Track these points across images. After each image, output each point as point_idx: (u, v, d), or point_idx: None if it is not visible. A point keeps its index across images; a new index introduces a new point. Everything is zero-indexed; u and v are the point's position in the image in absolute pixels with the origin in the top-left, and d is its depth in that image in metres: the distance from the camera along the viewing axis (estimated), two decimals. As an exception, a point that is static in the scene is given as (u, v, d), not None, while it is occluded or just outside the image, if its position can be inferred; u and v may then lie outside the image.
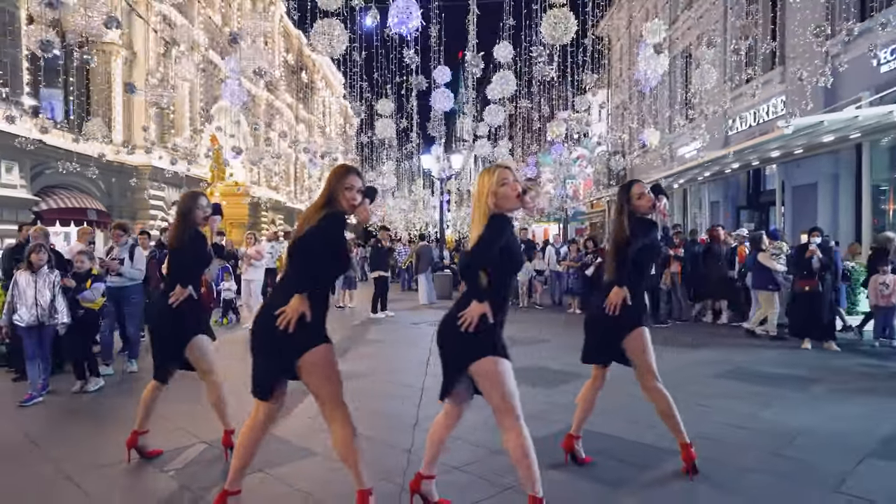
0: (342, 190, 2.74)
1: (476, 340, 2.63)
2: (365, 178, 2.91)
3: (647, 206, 3.44)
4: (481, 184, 2.76)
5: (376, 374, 6.32)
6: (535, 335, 8.93)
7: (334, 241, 2.70)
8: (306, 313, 2.60)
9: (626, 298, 3.34)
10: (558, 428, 4.29)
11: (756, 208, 18.44)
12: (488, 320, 2.63)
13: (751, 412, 4.73)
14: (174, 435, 4.25)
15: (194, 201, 3.75)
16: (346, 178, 2.77)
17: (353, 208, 2.77)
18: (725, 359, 7.02)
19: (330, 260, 2.70)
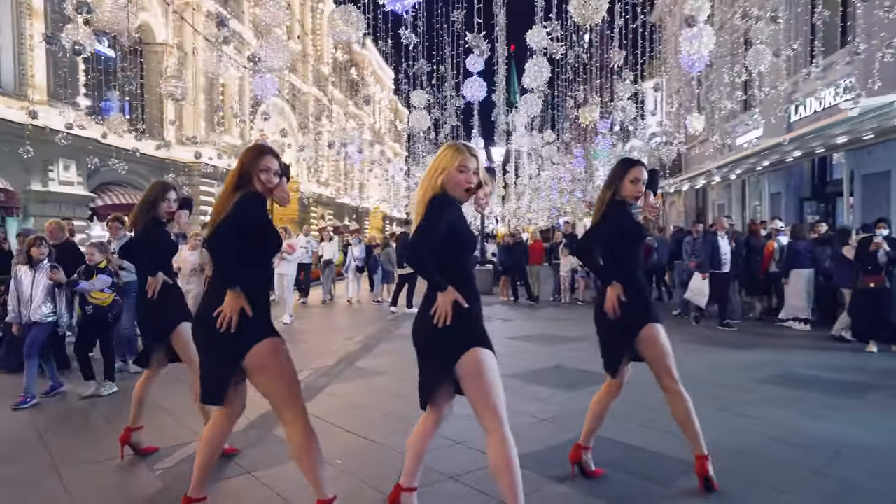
0: (257, 172, 2.55)
1: (457, 333, 2.36)
2: (282, 159, 2.71)
3: (634, 195, 3.13)
4: (439, 159, 2.50)
5: (395, 373, 6.12)
6: (570, 333, 8.53)
7: (255, 221, 2.52)
8: (245, 308, 2.42)
9: (620, 295, 3.00)
10: (571, 436, 3.96)
11: (821, 199, 17.22)
12: (463, 306, 2.35)
13: (795, 423, 4.25)
14: (176, 431, 4.17)
15: (162, 193, 3.63)
16: (260, 159, 2.57)
17: (270, 191, 2.58)
18: (773, 361, 6.45)
19: (257, 244, 2.53)
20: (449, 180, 2.43)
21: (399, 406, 4.82)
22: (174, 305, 3.66)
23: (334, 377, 5.85)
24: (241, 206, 2.45)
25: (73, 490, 3.21)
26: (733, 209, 21.55)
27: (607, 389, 3.26)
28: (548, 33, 8.57)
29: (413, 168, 26.85)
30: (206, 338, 2.49)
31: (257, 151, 2.60)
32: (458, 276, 2.43)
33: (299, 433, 2.48)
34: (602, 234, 3.10)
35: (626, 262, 3.10)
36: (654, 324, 3.04)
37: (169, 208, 3.66)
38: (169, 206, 3.66)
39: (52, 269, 5.03)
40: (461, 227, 2.47)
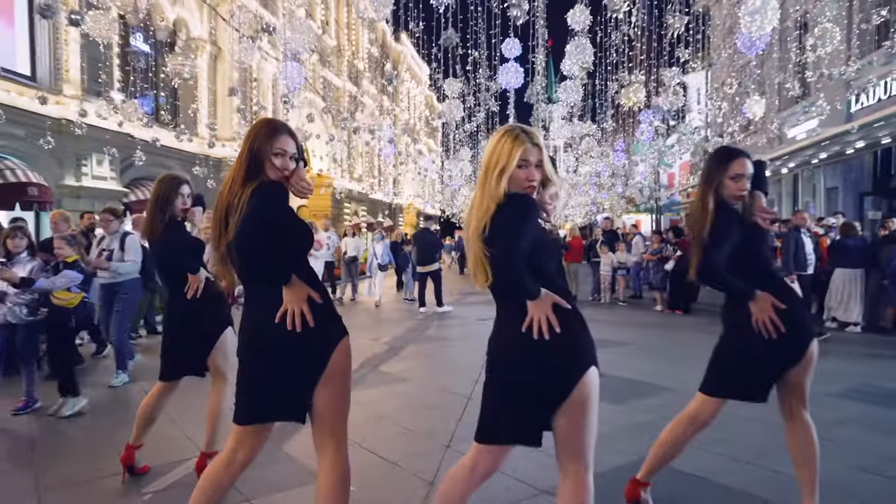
0: (269, 157, 2.06)
1: (570, 347, 1.90)
2: (298, 139, 2.18)
3: (738, 196, 2.52)
4: (496, 151, 1.96)
5: (422, 378, 5.65)
6: (614, 337, 7.92)
7: (282, 215, 2.03)
8: (312, 296, 1.99)
9: (775, 305, 2.40)
10: (625, 460, 3.42)
11: (885, 195, 16.04)
12: (566, 306, 1.89)
13: (888, 451, 3.61)
14: (179, 445, 3.79)
15: (174, 188, 3.18)
16: (273, 140, 2.07)
17: (287, 179, 2.08)
18: (845, 371, 5.74)
19: (289, 240, 2.03)
20: (509, 179, 1.94)
21: (425, 419, 4.34)
22: (219, 308, 3.24)
23: (357, 382, 5.41)
24: (263, 198, 1.97)
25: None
26: (783, 205, 20.42)
27: (695, 415, 2.64)
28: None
29: (447, 162, 26.35)
30: (271, 349, 2.00)
31: (270, 129, 2.10)
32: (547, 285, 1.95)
33: (340, 467, 2.08)
34: (721, 249, 2.45)
35: (763, 271, 2.55)
36: (814, 339, 2.49)
37: (184, 205, 3.22)
38: (184, 203, 3.22)
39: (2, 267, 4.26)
40: (542, 236, 1.98)
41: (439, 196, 39.35)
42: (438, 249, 11.11)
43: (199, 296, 3.12)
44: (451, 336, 8.24)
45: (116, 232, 5.48)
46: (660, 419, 4.09)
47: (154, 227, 3.13)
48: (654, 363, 6.23)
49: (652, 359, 6.51)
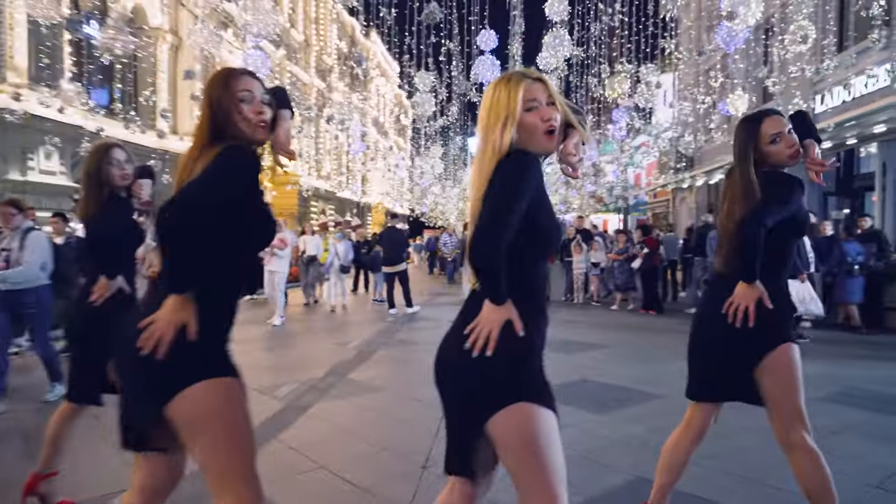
0: (235, 103, 1.62)
1: (497, 374, 1.49)
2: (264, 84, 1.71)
3: (789, 155, 2.14)
4: (493, 102, 1.56)
5: (394, 388, 5.26)
6: (590, 339, 7.67)
7: (241, 188, 1.57)
8: (189, 323, 1.52)
9: (762, 300, 2.06)
10: (620, 480, 3.11)
11: (847, 195, 16.32)
12: (516, 333, 1.48)
13: (893, 462, 3.39)
14: (111, 476, 3.32)
15: (104, 156, 2.63)
16: (234, 81, 1.63)
17: (262, 128, 1.65)
18: (830, 375, 5.57)
19: (238, 225, 1.60)
20: (522, 129, 1.54)
21: (398, 436, 3.96)
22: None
23: (323, 392, 5.00)
24: (223, 162, 1.53)
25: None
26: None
27: (685, 433, 2.35)
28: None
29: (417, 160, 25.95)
30: (130, 364, 1.58)
31: (227, 73, 1.68)
32: (541, 278, 1.60)
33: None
34: (778, 213, 2.08)
35: (781, 256, 2.19)
36: (788, 343, 2.13)
37: (122, 173, 2.64)
38: (121, 170, 2.63)
39: None
40: (545, 205, 1.57)
41: (408, 195, 38.94)
42: (405, 249, 10.70)
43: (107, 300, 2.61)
44: (423, 340, 7.87)
45: (19, 229, 4.62)
46: (650, 431, 3.82)
47: (88, 205, 2.62)
48: (636, 367, 5.98)
49: (632, 362, 6.26)
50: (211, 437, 1.53)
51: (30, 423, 4.18)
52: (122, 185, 2.67)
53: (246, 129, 1.63)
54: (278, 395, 4.86)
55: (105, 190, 2.64)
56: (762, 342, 2.10)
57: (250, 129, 1.64)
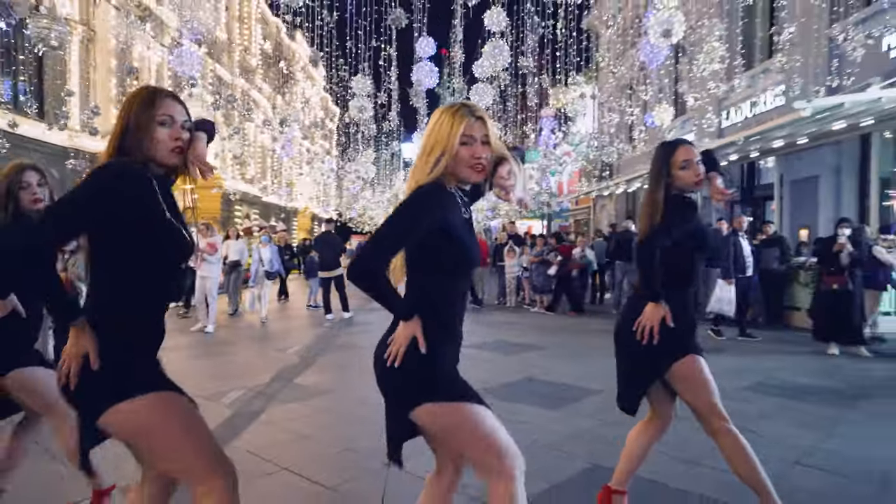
0: (153, 124, 1.64)
1: (414, 376, 1.70)
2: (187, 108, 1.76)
3: (694, 182, 2.40)
4: (434, 131, 1.74)
5: (342, 391, 5.25)
6: (529, 340, 7.95)
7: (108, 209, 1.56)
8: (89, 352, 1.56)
9: (665, 319, 2.32)
10: (579, 466, 3.31)
11: (750, 203, 17.76)
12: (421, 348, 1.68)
13: (810, 441, 3.79)
14: (65, 486, 3.15)
15: (14, 177, 2.48)
16: (156, 104, 1.65)
17: (177, 153, 1.68)
18: (751, 367, 6.11)
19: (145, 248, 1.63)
20: (452, 161, 1.71)
21: (356, 436, 3.97)
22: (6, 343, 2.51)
23: (271, 398, 4.91)
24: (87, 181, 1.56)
25: None
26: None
27: (645, 428, 2.58)
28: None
29: (348, 165, 25.69)
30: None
31: (149, 93, 1.69)
32: (452, 296, 1.77)
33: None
34: (668, 235, 2.34)
35: (684, 274, 2.45)
36: (691, 355, 2.38)
37: (32, 196, 2.50)
38: (31, 194, 2.50)
39: None
40: (460, 231, 1.72)
41: (336, 200, 38.41)
42: (341, 253, 10.61)
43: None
44: (363, 344, 7.85)
45: None
46: (600, 423, 4.06)
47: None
48: (575, 365, 6.26)
49: (571, 361, 6.55)
50: (151, 449, 1.62)
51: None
52: (32, 208, 2.53)
53: (161, 152, 1.66)
54: (226, 401, 4.74)
55: (10, 209, 2.51)
56: (668, 356, 2.36)
57: (163, 152, 1.67)
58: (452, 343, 1.79)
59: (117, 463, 2.65)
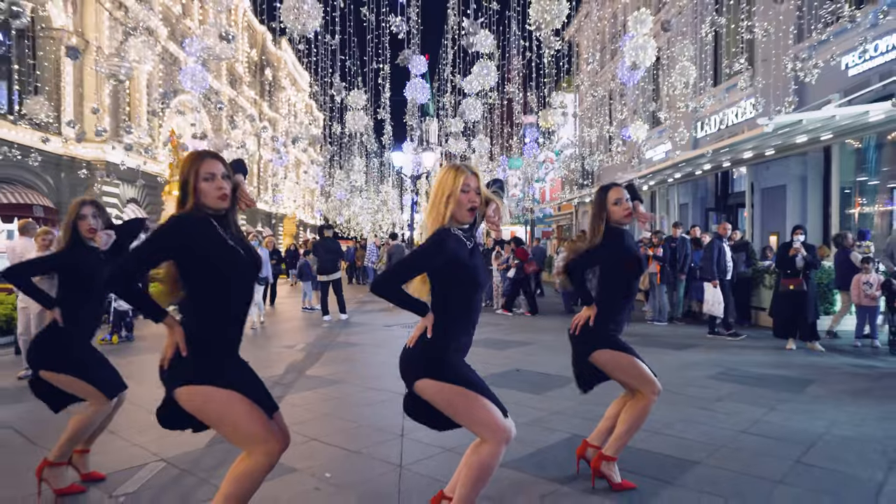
0: (198, 182, 2.23)
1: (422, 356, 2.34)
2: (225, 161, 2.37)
3: (624, 215, 3.13)
4: (442, 183, 2.41)
5: (353, 381, 5.83)
6: (515, 338, 8.58)
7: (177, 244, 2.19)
8: (179, 344, 2.15)
9: (591, 317, 3.08)
10: (558, 437, 3.95)
11: (724, 210, 18.62)
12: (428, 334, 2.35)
13: (757, 416, 4.46)
14: (122, 453, 3.70)
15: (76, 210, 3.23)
16: (201, 165, 2.24)
17: (222, 199, 2.26)
18: (714, 360, 6.80)
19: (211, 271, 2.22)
20: (455, 204, 2.37)
21: (370, 415, 4.57)
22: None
23: (289, 387, 5.47)
24: (159, 228, 2.20)
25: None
26: (643, 219, 22.84)
27: (620, 401, 3.25)
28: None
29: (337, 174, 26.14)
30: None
31: (194, 157, 2.29)
32: (465, 308, 2.40)
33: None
34: (596, 257, 3.16)
35: (619, 290, 3.14)
36: (602, 349, 3.07)
37: (88, 226, 3.21)
38: (87, 224, 3.21)
39: None
40: (470, 259, 2.38)
41: (322, 206, 38.76)
42: (340, 258, 11.15)
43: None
44: (363, 342, 8.43)
45: None
46: (579, 404, 4.69)
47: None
48: (558, 358, 6.87)
49: (554, 355, 7.17)
50: (209, 421, 2.19)
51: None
52: (88, 236, 3.21)
53: (209, 199, 2.24)
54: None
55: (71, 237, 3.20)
56: (589, 345, 3.09)
57: (212, 201, 2.24)
58: (462, 343, 2.42)
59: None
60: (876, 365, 6.64)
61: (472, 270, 2.36)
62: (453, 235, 2.35)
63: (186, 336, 2.15)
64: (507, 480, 3.18)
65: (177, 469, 3.42)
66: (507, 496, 3.02)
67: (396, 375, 2.47)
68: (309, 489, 3.14)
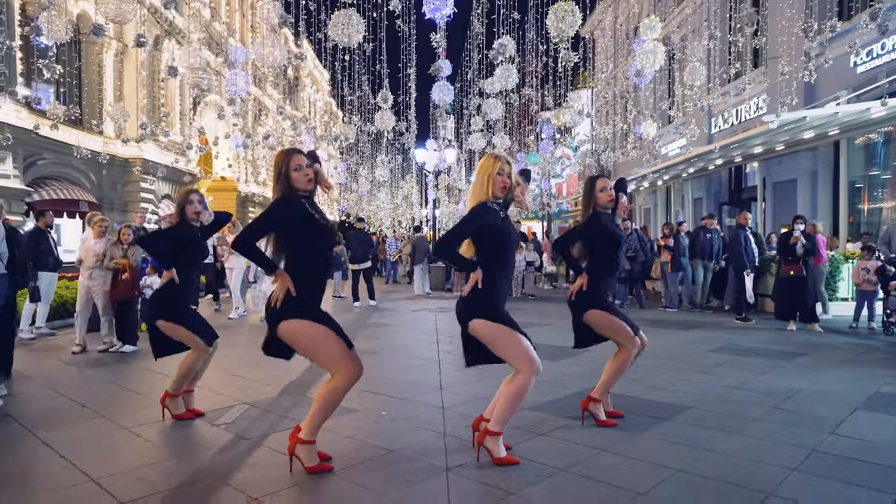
0: (290, 171, 2.97)
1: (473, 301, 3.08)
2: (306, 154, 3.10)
3: (607, 201, 3.82)
4: (484, 166, 3.13)
5: (389, 353, 6.58)
6: (532, 320, 9.27)
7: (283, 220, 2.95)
8: (290, 287, 2.88)
9: (583, 285, 3.78)
10: (570, 391, 4.67)
11: (737, 204, 19.03)
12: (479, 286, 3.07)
13: (747, 378, 5.12)
14: (214, 398, 4.48)
15: (184, 196, 4.07)
16: (289, 159, 2.98)
17: (310, 182, 3.00)
18: (717, 338, 7.43)
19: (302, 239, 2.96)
20: (492, 184, 3.09)
21: (411, 376, 5.31)
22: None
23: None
24: (269, 208, 2.99)
25: (155, 441, 3.52)
26: (658, 213, 23.29)
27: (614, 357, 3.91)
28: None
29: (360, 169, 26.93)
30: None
31: (285, 153, 3.03)
32: (502, 264, 3.11)
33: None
34: (577, 235, 3.89)
35: (603, 262, 3.82)
36: (594, 309, 3.76)
37: (193, 210, 4.02)
38: (193, 208, 4.02)
39: None
40: (502, 226, 3.10)
41: (344, 202, 39.66)
42: (371, 248, 11.93)
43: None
44: (395, 323, 9.18)
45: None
46: (588, 369, 5.39)
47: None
48: (569, 337, 7.57)
49: (567, 334, 7.84)
50: (303, 349, 2.93)
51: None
52: (193, 217, 4.03)
53: (300, 183, 2.99)
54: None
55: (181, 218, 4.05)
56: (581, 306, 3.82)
57: (302, 185, 3.00)
58: (503, 289, 3.14)
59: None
60: (868, 343, 7.21)
61: (504, 234, 3.10)
62: (489, 208, 3.09)
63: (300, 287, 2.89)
64: (532, 418, 3.90)
65: (258, 409, 4.19)
66: (531, 426, 3.73)
67: (429, 347, 3.25)
68: (369, 422, 3.88)
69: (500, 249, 3.09)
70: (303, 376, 5.27)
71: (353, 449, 3.37)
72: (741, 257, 9.06)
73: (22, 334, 7.39)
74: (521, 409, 4.11)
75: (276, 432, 3.65)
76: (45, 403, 4.48)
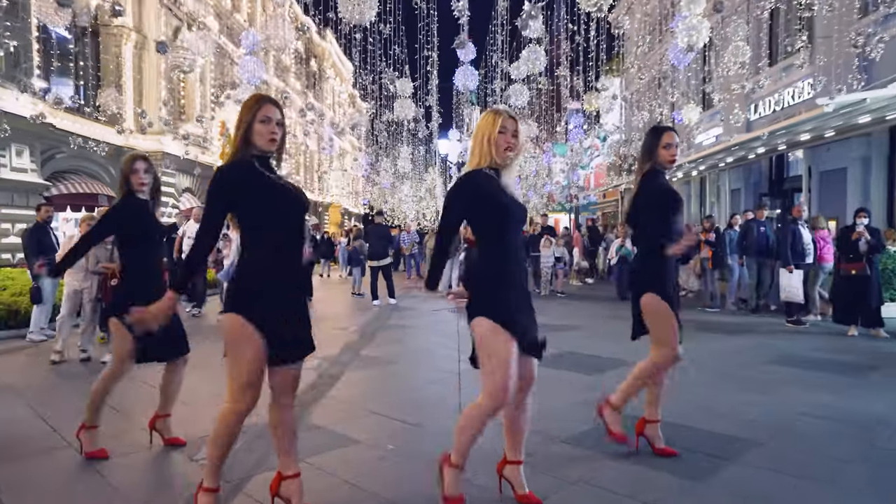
0: (255, 122, 2.34)
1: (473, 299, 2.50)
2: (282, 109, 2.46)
3: (668, 160, 3.18)
4: (483, 125, 2.52)
5: (408, 360, 6.00)
6: (565, 322, 8.59)
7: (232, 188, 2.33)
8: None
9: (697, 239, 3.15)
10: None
11: (779, 195, 17.97)
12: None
13: (819, 399, 4.38)
14: (203, 421, 3.95)
15: (129, 164, 3.36)
16: (259, 107, 2.34)
17: (272, 142, 2.37)
18: (767, 345, 6.67)
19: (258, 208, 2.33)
20: (493, 144, 2.47)
21: (429, 391, 4.71)
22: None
23: (347, 365, 5.68)
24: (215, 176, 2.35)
25: (115, 483, 2.98)
26: (692, 205, 22.27)
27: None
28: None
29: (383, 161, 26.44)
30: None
31: (255, 100, 2.39)
32: (499, 237, 2.46)
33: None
34: (637, 206, 3.19)
35: (663, 230, 3.10)
36: (652, 294, 3.12)
37: (139, 180, 3.34)
38: (139, 178, 3.33)
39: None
40: (503, 197, 2.46)
41: (367, 195, 39.28)
42: (390, 244, 11.34)
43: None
44: (415, 325, 8.61)
45: None
46: (617, 381, 4.71)
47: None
48: (606, 343, 6.85)
49: (603, 340, 7.16)
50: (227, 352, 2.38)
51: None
52: (140, 189, 3.37)
53: (260, 141, 2.35)
54: (309, 367, 5.50)
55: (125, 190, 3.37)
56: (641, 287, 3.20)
57: (262, 143, 2.35)
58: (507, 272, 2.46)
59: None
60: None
61: (500, 203, 2.45)
62: (480, 174, 2.48)
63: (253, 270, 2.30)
64: (562, 454, 3.26)
65: (246, 435, 3.62)
66: (557, 467, 3.09)
67: (448, 356, 2.60)
68: (373, 458, 3.29)
69: (495, 221, 2.46)
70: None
71: (346, 498, 2.77)
72: (785, 252, 8.27)
73: (31, 336, 7.11)
74: (554, 440, 3.48)
75: (258, 473, 3.08)
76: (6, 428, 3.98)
